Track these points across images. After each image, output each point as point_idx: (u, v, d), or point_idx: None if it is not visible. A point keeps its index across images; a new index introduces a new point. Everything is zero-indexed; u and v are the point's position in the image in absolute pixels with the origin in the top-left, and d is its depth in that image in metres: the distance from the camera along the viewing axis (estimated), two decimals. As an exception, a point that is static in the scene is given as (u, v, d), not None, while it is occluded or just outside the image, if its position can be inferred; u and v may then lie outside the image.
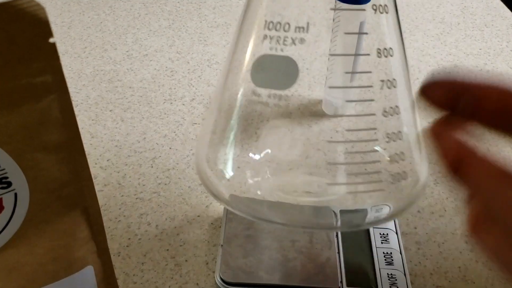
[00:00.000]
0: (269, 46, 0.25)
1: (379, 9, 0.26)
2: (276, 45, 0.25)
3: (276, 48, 0.25)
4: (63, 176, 0.21)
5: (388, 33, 0.26)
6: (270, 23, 0.25)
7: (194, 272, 0.35)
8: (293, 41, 0.25)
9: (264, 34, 0.26)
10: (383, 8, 0.26)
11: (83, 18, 0.61)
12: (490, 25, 0.61)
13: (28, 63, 0.19)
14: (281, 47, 0.25)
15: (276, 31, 0.25)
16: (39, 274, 0.23)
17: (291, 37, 0.25)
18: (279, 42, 0.25)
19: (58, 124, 0.20)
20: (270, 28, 0.25)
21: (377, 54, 0.26)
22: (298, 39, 0.25)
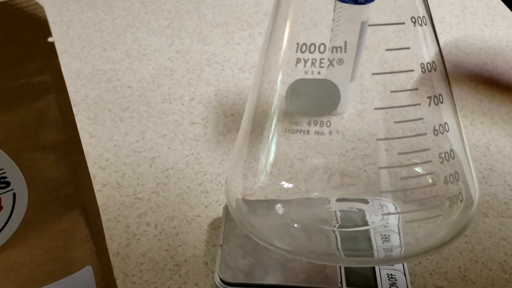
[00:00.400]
0: (303, 70, 0.24)
1: (418, 21, 0.24)
2: (311, 68, 0.24)
3: (312, 71, 0.24)
4: (62, 176, 0.21)
5: (429, 45, 0.25)
6: (303, 46, 0.24)
7: (193, 273, 0.35)
8: (331, 62, 0.24)
9: (297, 57, 0.24)
10: (422, 20, 0.25)
11: (82, 18, 0.61)
12: (490, 25, 0.61)
13: (26, 62, 0.18)
14: (318, 69, 0.24)
15: (311, 53, 0.24)
16: (37, 274, 0.22)
17: (328, 58, 0.24)
18: (315, 64, 0.24)
19: (57, 124, 0.20)
20: (303, 50, 0.24)
21: (421, 69, 0.25)
22: (336, 60, 0.24)
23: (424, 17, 0.25)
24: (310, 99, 0.25)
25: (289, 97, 0.24)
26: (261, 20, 0.61)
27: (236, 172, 0.28)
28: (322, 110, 0.24)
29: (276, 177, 0.28)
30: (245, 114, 0.28)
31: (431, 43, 0.25)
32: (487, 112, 0.49)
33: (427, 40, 0.25)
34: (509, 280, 0.35)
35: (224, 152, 0.44)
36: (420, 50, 0.25)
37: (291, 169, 0.28)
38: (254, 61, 0.55)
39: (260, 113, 0.27)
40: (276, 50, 0.26)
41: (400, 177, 0.25)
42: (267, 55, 0.26)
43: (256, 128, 0.27)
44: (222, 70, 0.53)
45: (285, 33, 0.25)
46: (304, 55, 0.24)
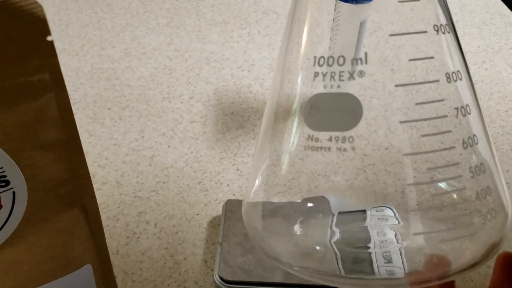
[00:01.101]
0: (322, 84, 0.23)
1: (441, 29, 0.23)
2: (331, 82, 0.23)
3: (332, 85, 0.23)
4: (61, 174, 0.21)
5: (453, 54, 0.24)
6: (321, 59, 0.23)
7: (192, 271, 0.35)
8: (351, 75, 0.23)
9: (314, 71, 0.23)
10: (444, 27, 0.24)
11: (81, 16, 0.61)
12: (489, 23, 0.61)
13: (25, 61, 0.18)
14: (338, 83, 0.23)
15: (329, 66, 0.22)
16: (37, 272, 0.23)
17: (347, 71, 0.22)
18: (334, 78, 0.22)
19: (56, 123, 0.20)
20: (321, 64, 0.23)
21: (446, 79, 0.24)
22: (357, 72, 0.22)
23: (447, 25, 0.24)
24: (330, 115, 0.23)
25: (308, 113, 0.23)
26: (260, 19, 0.61)
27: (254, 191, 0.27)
28: (344, 125, 0.23)
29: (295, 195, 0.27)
30: (261, 131, 0.27)
31: (455, 52, 0.24)
32: (485, 111, 0.49)
33: (450, 49, 0.24)
34: None
35: (223, 150, 0.44)
36: (444, 59, 0.24)
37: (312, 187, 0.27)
38: (253, 59, 0.55)
39: (278, 131, 0.26)
40: (293, 61, 0.25)
41: (430, 194, 0.24)
42: (284, 67, 0.25)
43: (274, 145, 0.26)
44: (221, 68, 0.53)
45: (301, 43, 0.24)
46: (321, 69, 0.23)
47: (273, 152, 0.27)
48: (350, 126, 0.23)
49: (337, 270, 0.25)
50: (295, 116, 0.25)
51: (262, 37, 0.58)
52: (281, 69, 0.25)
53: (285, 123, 0.26)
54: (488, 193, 0.24)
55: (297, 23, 0.25)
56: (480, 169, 0.24)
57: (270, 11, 0.63)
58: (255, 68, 0.53)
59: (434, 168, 0.24)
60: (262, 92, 0.50)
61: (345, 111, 0.23)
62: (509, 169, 0.43)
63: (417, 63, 0.23)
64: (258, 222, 0.27)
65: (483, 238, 0.24)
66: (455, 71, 0.24)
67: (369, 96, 0.23)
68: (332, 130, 0.23)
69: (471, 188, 0.24)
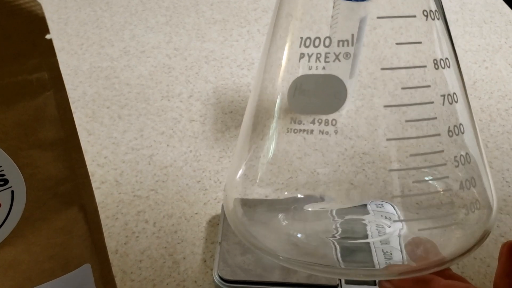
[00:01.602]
0: (307, 65, 0.22)
1: (430, 15, 0.23)
2: (316, 64, 0.22)
3: (317, 66, 0.22)
4: (60, 173, 0.21)
5: (442, 41, 0.24)
6: (307, 40, 0.22)
7: (192, 270, 0.35)
8: (337, 56, 0.22)
9: (300, 52, 0.22)
10: (434, 14, 0.23)
11: (80, 15, 0.61)
12: (489, 22, 0.61)
13: (24, 59, 0.18)
14: (323, 64, 0.22)
15: (315, 47, 0.22)
16: (36, 272, 0.22)
17: (333, 53, 0.22)
18: (320, 59, 0.22)
19: (55, 121, 0.20)
20: (307, 45, 0.22)
21: (434, 66, 0.23)
22: (343, 54, 0.22)
23: (437, 11, 0.23)
24: (314, 97, 0.23)
25: (292, 95, 0.23)
26: (259, 17, 0.61)
27: (237, 172, 0.27)
28: (328, 108, 0.23)
29: (276, 177, 0.27)
30: (246, 113, 0.27)
31: (444, 39, 0.24)
32: (485, 109, 0.49)
33: (440, 35, 0.23)
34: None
35: (222, 149, 0.44)
36: (433, 46, 0.23)
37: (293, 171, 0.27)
38: (253, 58, 0.54)
39: (262, 112, 0.25)
40: (278, 46, 0.24)
41: (412, 181, 0.24)
42: (269, 52, 0.25)
43: (257, 127, 0.26)
44: (220, 67, 0.53)
45: (288, 28, 0.24)
46: (308, 50, 0.22)
47: (255, 131, 0.26)
48: (334, 109, 0.23)
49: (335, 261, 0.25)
50: (279, 98, 0.24)
51: (261, 35, 0.58)
52: (267, 52, 0.25)
53: (270, 104, 0.25)
54: (473, 184, 0.24)
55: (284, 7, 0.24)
56: (466, 159, 0.24)
57: (269, 10, 0.62)
58: (254, 66, 0.53)
59: (417, 155, 0.23)
60: (261, 90, 0.50)
61: (329, 94, 0.22)
62: (509, 167, 0.43)
63: (405, 47, 0.23)
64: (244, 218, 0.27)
65: (465, 230, 0.24)
66: (443, 58, 0.23)
67: (346, 80, 0.23)
68: (316, 113, 0.23)
69: (455, 177, 0.24)
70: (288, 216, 0.28)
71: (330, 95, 0.22)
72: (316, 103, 0.23)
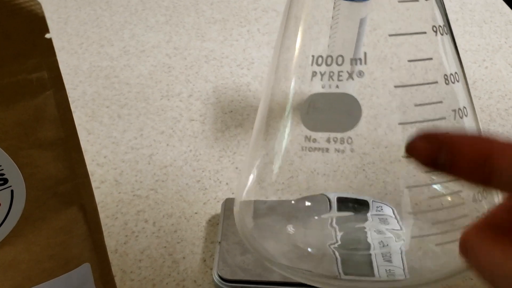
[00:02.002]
0: (320, 84, 0.22)
1: (439, 30, 0.23)
2: (329, 82, 0.22)
3: (330, 85, 0.22)
4: (59, 173, 0.21)
5: (451, 56, 0.24)
6: (319, 58, 0.22)
7: (191, 269, 0.35)
8: (350, 75, 0.22)
9: (312, 70, 0.22)
10: (442, 29, 0.23)
11: (80, 14, 0.60)
12: (489, 21, 0.61)
13: (24, 59, 0.18)
14: (336, 83, 0.22)
15: (328, 66, 0.22)
16: (36, 271, 0.22)
17: (346, 71, 0.22)
18: (333, 78, 0.22)
19: (54, 121, 0.20)
20: (320, 63, 0.22)
21: (445, 81, 0.23)
22: (356, 72, 0.22)
23: (445, 26, 0.24)
24: (328, 115, 0.23)
25: (305, 113, 0.23)
26: (259, 17, 0.61)
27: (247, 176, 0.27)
28: (343, 126, 0.23)
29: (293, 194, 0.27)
30: (258, 116, 0.27)
31: (452, 54, 0.24)
32: (485, 109, 0.49)
33: (448, 51, 0.24)
34: (506, 276, 0.35)
35: (222, 149, 0.44)
36: (443, 61, 0.24)
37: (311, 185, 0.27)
38: (253, 57, 0.54)
39: (272, 129, 0.25)
40: (288, 62, 0.24)
41: (428, 196, 0.24)
42: (279, 66, 0.25)
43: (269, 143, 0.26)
44: (220, 66, 0.53)
45: (298, 44, 0.24)
46: (320, 68, 0.22)
47: (268, 151, 0.26)
48: (349, 127, 0.23)
49: (336, 272, 0.25)
50: (289, 114, 0.24)
51: (261, 35, 0.58)
52: (275, 67, 0.25)
53: (280, 121, 0.25)
54: (484, 196, 0.24)
55: (293, 20, 0.24)
56: None
57: (269, 9, 0.62)
58: (254, 66, 0.53)
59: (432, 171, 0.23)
60: (261, 90, 0.50)
61: (343, 112, 0.23)
62: (509, 168, 0.43)
63: (416, 64, 0.23)
64: (250, 222, 0.27)
65: None
66: (453, 72, 0.24)
67: (368, 97, 0.23)
68: (330, 130, 0.23)
69: (468, 190, 0.24)
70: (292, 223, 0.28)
71: (344, 113, 0.23)
72: (330, 121, 0.23)
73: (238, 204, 0.27)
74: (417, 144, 0.17)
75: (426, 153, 0.17)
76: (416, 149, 0.17)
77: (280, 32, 0.25)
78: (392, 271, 0.26)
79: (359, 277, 0.26)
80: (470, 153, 0.16)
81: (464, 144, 0.16)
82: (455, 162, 0.16)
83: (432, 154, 0.17)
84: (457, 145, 0.16)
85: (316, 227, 0.28)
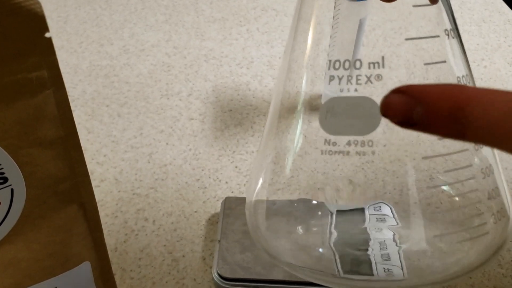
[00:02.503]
0: (338, 87, 0.23)
1: (451, 33, 0.24)
2: (347, 86, 0.23)
3: (348, 89, 0.23)
4: (59, 171, 0.21)
5: (461, 58, 0.25)
6: (336, 62, 0.23)
7: (191, 268, 0.35)
8: (368, 78, 0.22)
9: (330, 75, 0.23)
10: (453, 32, 0.24)
11: (79, 13, 0.60)
12: (488, 21, 0.61)
13: (23, 58, 0.18)
14: (355, 87, 0.23)
15: (345, 69, 0.22)
16: (36, 269, 0.23)
17: (365, 75, 0.22)
18: (351, 81, 0.22)
19: (54, 120, 0.20)
20: (337, 67, 0.23)
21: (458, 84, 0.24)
22: (374, 76, 0.23)
23: (453, 29, 0.24)
24: (348, 119, 0.23)
25: (324, 117, 0.23)
26: (258, 16, 0.61)
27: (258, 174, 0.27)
28: (362, 129, 0.23)
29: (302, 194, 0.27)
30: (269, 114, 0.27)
31: (462, 56, 0.25)
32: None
33: (459, 53, 0.24)
34: (505, 274, 0.35)
35: (222, 147, 0.44)
36: (455, 64, 0.24)
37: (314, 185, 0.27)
38: (252, 56, 0.54)
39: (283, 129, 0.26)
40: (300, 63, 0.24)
41: (448, 196, 0.24)
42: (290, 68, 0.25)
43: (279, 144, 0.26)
44: (219, 65, 0.53)
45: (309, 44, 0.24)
46: (337, 72, 0.23)
47: (278, 152, 0.26)
48: (370, 129, 0.23)
49: (335, 271, 0.25)
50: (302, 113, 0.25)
51: (261, 34, 0.58)
52: (286, 68, 0.25)
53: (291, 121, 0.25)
54: (497, 193, 0.25)
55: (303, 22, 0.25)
56: (490, 170, 0.24)
57: (269, 8, 0.62)
58: (254, 65, 0.53)
59: (451, 170, 0.24)
60: (260, 89, 0.50)
61: (363, 115, 0.23)
62: (508, 166, 0.43)
63: (431, 67, 0.24)
64: (261, 222, 0.27)
65: (494, 238, 0.24)
66: (464, 74, 0.24)
67: None
68: (350, 134, 0.23)
69: (483, 189, 0.24)
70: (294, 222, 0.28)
71: (364, 117, 0.23)
72: (350, 124, 0.23)
73: (249, 203, 0.27)
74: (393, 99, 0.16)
75: (402, 108, 0.16)
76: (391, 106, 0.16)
77: (291, 34, 0.25)
78: (390, 270, 0.26)
79: (358, 276, 0.26)
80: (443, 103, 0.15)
81: (438, 94, 0.16)
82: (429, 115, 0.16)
83: (408, 109, 0.16)
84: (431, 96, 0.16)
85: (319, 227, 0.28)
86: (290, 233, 0.27)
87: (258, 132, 0.45)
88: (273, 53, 0.55)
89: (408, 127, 0.16)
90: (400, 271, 0.26)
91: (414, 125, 0.16)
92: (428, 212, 0.25)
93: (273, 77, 0.52)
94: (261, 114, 0.47)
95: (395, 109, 0.16)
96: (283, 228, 0.28)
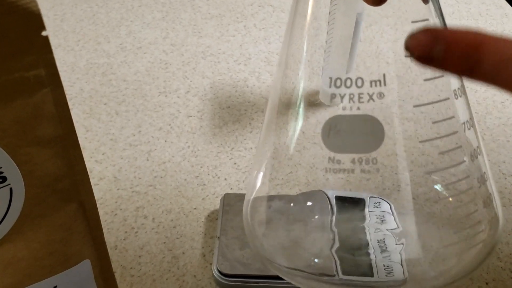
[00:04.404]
0: (341, 105, 0.23)
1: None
2: (349, 104, 0.23)
3: (351, 107, 0.23)
4: (58, 170, 0.21)
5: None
6: (337, 80, 0.23)
7: (191, 265, 0.35)
8: (371, 96, 0.23)
9: (331, 93, 0.23)
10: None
11: (76, 11, 0.60)
12: (485, 14, 0.61)
13: (20, 56, 0.18)
14: (357, 105, 0.23)
15: (347, 87, 0.23)
16: (36, 268, 0.23)
17: (367, 93, 0.23)
18: (353, 99, 0.23)
19: (52, 118, 0.20)
20: (338, 85, 0.23)
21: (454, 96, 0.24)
22: (377, 94, 0.23)
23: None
24: (351, 137, 0.24)
25: (326, 135, 0.23)
26: (255, 12, 0.61)
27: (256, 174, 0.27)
28: (365, 147, 0.23)
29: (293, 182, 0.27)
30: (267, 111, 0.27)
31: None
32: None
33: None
34: (504, 268, 0.35)
35: (220, 144, 0.44)
36: (450, 78, 0.24)
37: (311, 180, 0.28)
38: (249, 53, 0.54)
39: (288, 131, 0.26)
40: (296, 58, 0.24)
41: (450, 207, 0.24)
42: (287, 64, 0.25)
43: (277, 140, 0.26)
44: (217, 62, 0.53)
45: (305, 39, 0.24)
46: (339, 90, 0.23)
47: (277, 148, 0.26)
48: (373, 147, 0.23)
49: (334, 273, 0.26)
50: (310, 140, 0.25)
51: (258, 30, 0.58)
52: (284, 65, 0.25)
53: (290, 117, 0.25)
54: (492, 200, 0.25)
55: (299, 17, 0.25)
56: (484, 178, 0.25)
57: (266, 4, 0.62)
58: (251, 61, 0.53)
59: (452, 183, 0.24)
60: (258, 85, 0.50)
61: (366, 133, 0.23)
62: (505, 160, 0.43)
63: (430, 83, 0.24)
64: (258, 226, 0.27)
65: (489, 244, 0.25)
66: (459, 86, 0.25)
67: (389, 117, 0.23)
68: (354, 152, 0.23)
69: (480, 197, 0.25)
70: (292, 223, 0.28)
71: (367, 135, 0.23)
72: (354, 142, 0.24)
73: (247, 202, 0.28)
74: (418, 35, 0.18)
75: (424, 44, 0.18)
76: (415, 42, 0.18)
77: (288, 29, 0.25)
78: (390, 269, 0.26)
79: (357, 277, 0.26)
80: (462, 42, 0.17)
81: (458, 35, 0.18)
82: (448, 53, 0.18)
83: (429, 45, 0.18)
84: (451, 35, 0.18)
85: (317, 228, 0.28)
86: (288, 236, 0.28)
87: (257, 128, 0.45)
88: (271, 49, 0.55)
89: (425, 61, 0.18)
90: (401, 272, 0.26)
91: (431, 61, 0.18)
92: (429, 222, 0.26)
93: (271, 74, 0.52)
94: (259, 110, 0.47)
95: (419, 44, 0.18)
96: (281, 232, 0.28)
